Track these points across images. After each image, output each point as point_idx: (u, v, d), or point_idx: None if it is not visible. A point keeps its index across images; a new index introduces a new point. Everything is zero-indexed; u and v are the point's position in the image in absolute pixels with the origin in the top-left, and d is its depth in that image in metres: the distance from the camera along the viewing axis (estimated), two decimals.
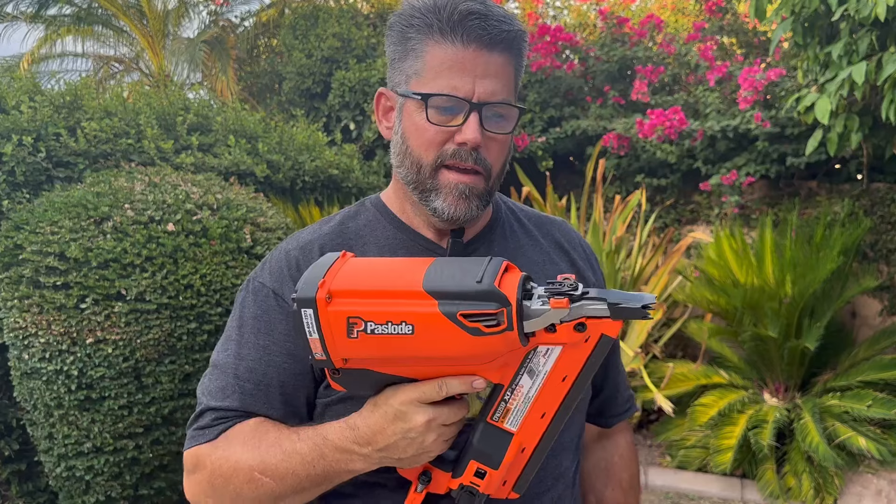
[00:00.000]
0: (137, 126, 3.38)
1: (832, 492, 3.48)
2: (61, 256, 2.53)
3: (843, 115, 3.38)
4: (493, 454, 0.84)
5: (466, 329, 0.75)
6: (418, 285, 0.77)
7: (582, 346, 0.78)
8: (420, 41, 0.94)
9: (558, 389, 0.80)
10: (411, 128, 0.95)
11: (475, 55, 0.92)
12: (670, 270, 4.19)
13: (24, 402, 2.67)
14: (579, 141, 5.07)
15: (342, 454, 0.86)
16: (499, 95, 0.93)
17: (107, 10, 8.69)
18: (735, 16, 5.27)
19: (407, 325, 0.76)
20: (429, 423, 0.82)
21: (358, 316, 0.78)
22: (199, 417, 0.98)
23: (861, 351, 4.02)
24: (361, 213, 1.07)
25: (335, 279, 0.80)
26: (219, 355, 1.00)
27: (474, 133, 0.92)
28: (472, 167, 0.94)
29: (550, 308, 0.75)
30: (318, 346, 0.81)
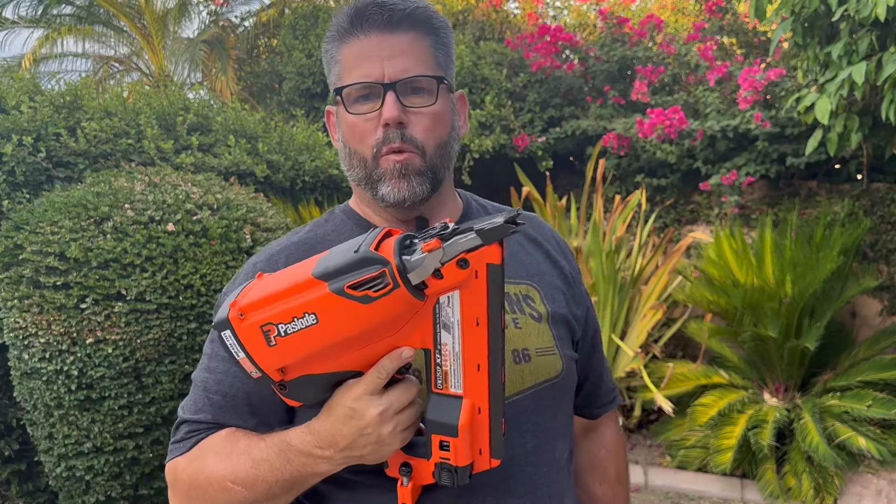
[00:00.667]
0: (137, 126, 3.38)
1: (832, 492, 3.48)
2: (61, 256, 2.53)
3: (843, 115, 3.38)
4: (448, 421, 0.83)
5: (358, 299, 0.76)
6: (308, 274, 0.78)
7: (474, 282, 0.78)
8: (335, 49, 0.98)
9: (478, 336, 0.81)
10: (346, 129, 0.99)
11: (378, 40, 0.95)
12: (670, 270, 4.19)
13: (24, 402, 2.67)
14: (579, 141, 5.07)
15: (306, 458, 0.87)
16: (412, 71, 0.95)
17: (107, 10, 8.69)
18: (735, 16, 5.27)
19: (310, 315, 0.78)
20: (382, 415, 0.82)
21: (269, 322, 0.79)
22: (176, 431, 1.00)
23: (861, 351, 4.02)
24: (330, 220, 1.08)
25: (245, 296, 0.82)
26: (195, 372, 1.03)
27: (390, 111, 0.93)
28: (402, 146, 0.95)
29: (425, 253, 0.75)
30: (249, 364, 0.82)
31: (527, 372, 1.00)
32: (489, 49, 5.21)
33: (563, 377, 1.05)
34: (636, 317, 4.21)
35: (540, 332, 1.04)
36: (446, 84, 0.99)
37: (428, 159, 0.98)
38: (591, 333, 1.19)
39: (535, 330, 1.03)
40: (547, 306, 1.06)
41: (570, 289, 1.13)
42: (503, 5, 6.24)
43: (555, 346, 1.05)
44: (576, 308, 1.12)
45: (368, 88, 0.95)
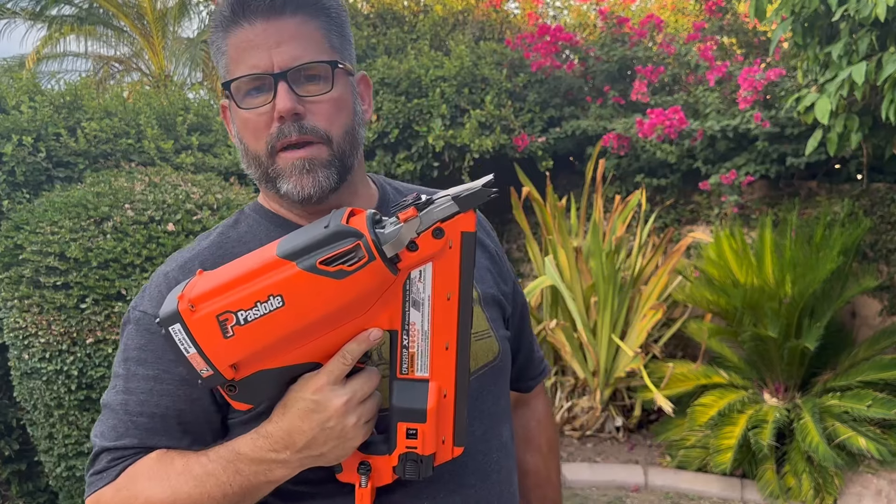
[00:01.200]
0: (137, 126, 3.38)
1: (832, 492, 3.48)
2: (61, 256, 2.53)
3: (843, 115, 3.38)
4: (415, 406, 0.79)
5: (331, 275, 0.72)
6: (272, 255, 0.75)
7: (448, 253, 0.75)
8: (221, 40, 0.92)
9: (449, 311, 0.78)
10: (239, 125, 0.93)
11: (263, 28, 0.89)
12: (670, 270, 4.19)
13: (24, 402, 2.67)
14: (579, 141, 5.07)
15: (259, 465, 0.82)
16: (303, 58, 0.89)
17: (107, 10, 8.69)
18: (735, 16, 5.27)
19: (275, 298, 0.73)
20: (346, 405, 0.77)
21: (226, 310, 0.74)
22: (95, 461, 0.92)
23: (861, 351, 4.02)
24: (241, 220, 1.02)
25: (193, 289, 0.77)
26: (108, 396, 0.94)
27: (283, 102, 0.87)
28: (301, 138, 0.89)
29: (401, 223, 0.73)
30: (199, 361, 0.77)
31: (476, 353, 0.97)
32: (489, 49, 5.20)
33: (501, 359, 1.03)
34: (636, 317, 4.21)
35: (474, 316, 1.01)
36: (342, 67, 0.93)
37: (335, 148, 0.92)
38: (520, 308, 1.17)
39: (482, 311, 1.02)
40: (477, 288, 1.03)
41: (496, 266, 1.11)
42: (503, 5, 6.24)
43: (489, 328, 1.03)
44: (504, 285, 1.10)
45: (258, 80, 0.89)
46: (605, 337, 4.14)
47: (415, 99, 4.82)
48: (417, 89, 4.87)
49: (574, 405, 4.34)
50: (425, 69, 4.87)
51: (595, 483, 3.85)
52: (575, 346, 4.13)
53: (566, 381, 4.35)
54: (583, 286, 4.17)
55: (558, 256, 4.26)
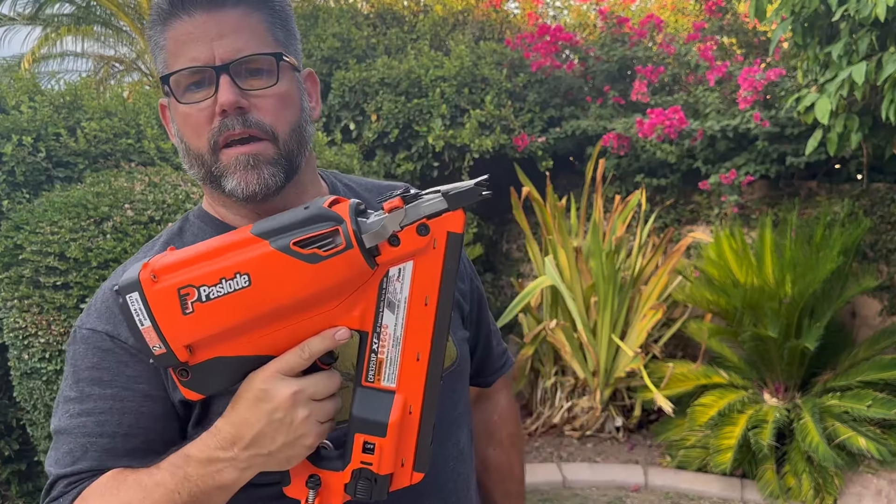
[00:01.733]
0: (137, 126, 3.38)
1: (832, 492, 3.48)
2: (61, 256, 2.53)
3: (843, 115, 3.38)
4: (376, 418, 0.73)
5: (304, 257, 0.68)
6: (247, 233, 0.71)
7: (432, 253, 0.70)
8: (159, 34, 0.88)
9: (425, 318, 0.71)
10: (180, 121, 0.88)
11: (204, 20, 0.85)
12: (670, 270, 4.19)
13: (24, 402, 2.67)
14: (579, 141, 5.07)
15: (206, 467, 0.76)
16: (246, 50, 0.85)
17: (106, 10, 8.69)
18: (735, 16, 5.27)
19: (242, 276, 0.68)
20: (295, 396, 0.72)
21: (189, 284, 0.70)
22: (51, 489, 0.86)
23: (861, 351, 4.02)
24: (186, 228, 0.98)
25: (160, 259, 0.73)
26: (60, 421, 0.88)
27: (226, 94, 0.83)
28: (245, 132, 0.85)
29: (385, 214, 0.68)
30: (153, 336, 0.72)
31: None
32: (489, 49, 5.20)
33: (459, 364, 1.00)
34: (636, 317, 4.21)
35: None
36: (287, 62, 0.89)
37: (282, 145, 0.88)
38: (476, 303, 1.12)
39: None
40: None
41: None
42: (503, 5, 6.24)
43: None
44: (461, 283, 1.07)
45: (198, 74, 0.85)
46: (605, 337, 4.14)
47: (415, 99, 4.82)
48: (417, 89, 4.87)
49: (574, 405, 4.34)
50: (425, 69, 4.87)
51: (595, 483, 3.85)
52: (575, 346, 4.13)
53: (566, 381, 4.35)
54: (583, 286, 4.17)
55: (558, 256, 4.26)
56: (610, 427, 4.34)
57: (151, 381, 0.86)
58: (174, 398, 0.86)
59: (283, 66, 0.88)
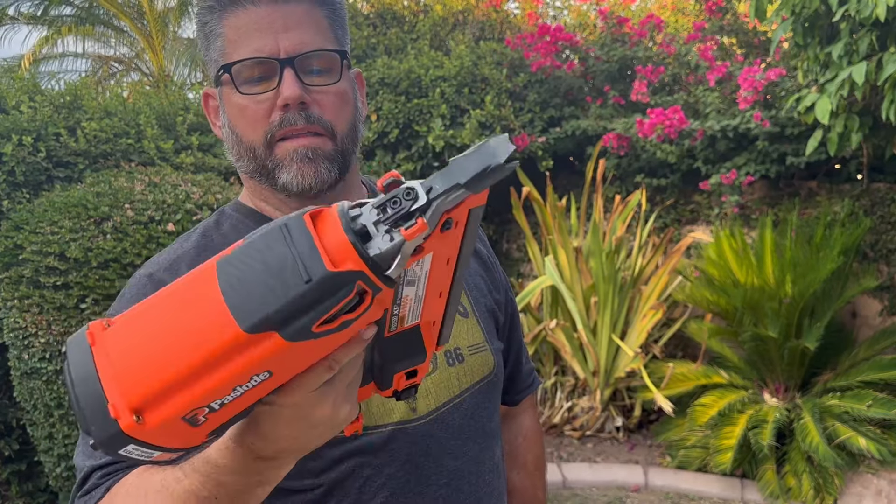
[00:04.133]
0: (137, 126, 3.38)
1: (832, 492, 3.48)
2: (61, 256, 2.53)
3: (843, 115, 3.38)
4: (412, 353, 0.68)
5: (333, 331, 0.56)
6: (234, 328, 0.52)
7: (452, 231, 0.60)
8: (216, 22, 0.85)
9: (445, 272, 0.64)
10: (233, 112, 0.86)
11: (269, 11, 0.83)
12: (670, 270, 4.19)
13: (24, 402, 2.67)
14: (579, 141, 5.07)
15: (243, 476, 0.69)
16: (311, 45, 0.84)
17: (107, 11, 8.69)
18: (735, 16, 5.27)
19: (260, 375, 0.55)
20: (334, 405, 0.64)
21: (195, 407, 0.55)
22: (84, 482, 0.82)
23: (861, 351, 4.02)
24: (223, 221, 0.95)
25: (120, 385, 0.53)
26: None
27: (291, 88, 0.82)
28: (307, 128, 0.84)
29: (406, 240, 0.54)
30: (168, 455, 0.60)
31: (462, 373, 0.93)
32: (489, 49, 5.21)
33: (495, 374, 0.98)
34: (636, 317, 4.21)
35: (469, 328, 0.97)
36: (347, 61, 0.88)
37: (339, 142, 0.87)
38: (510, 316, 1.10)
39: (465, 326, 0.96)
40: (471, 299, 0.99)
41: (489, 273, 1.06)
42: (503, 5, 6.24)
43: (484, 340, 0.98)
44: (497, 293, 1.06)
45: (261, 65, 0.83)
46: (605, 337, 4.14)
47: (415, 99, 4.82)
48: (417, 89, 4.87)
49: (574, 405, 4.34)
50: (425, 69, 4.87)
51: (595, 483, 3.85)
52: (575, 346, 4.13)
53: (566, 381, 4.35)
54: (583, 286, 4.17)
55: (558, 256, 4.26)
56: (610, 427, 4.34)
57: None
58: None
59: (344, 65, 0.87)
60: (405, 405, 0.85)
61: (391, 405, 0.83)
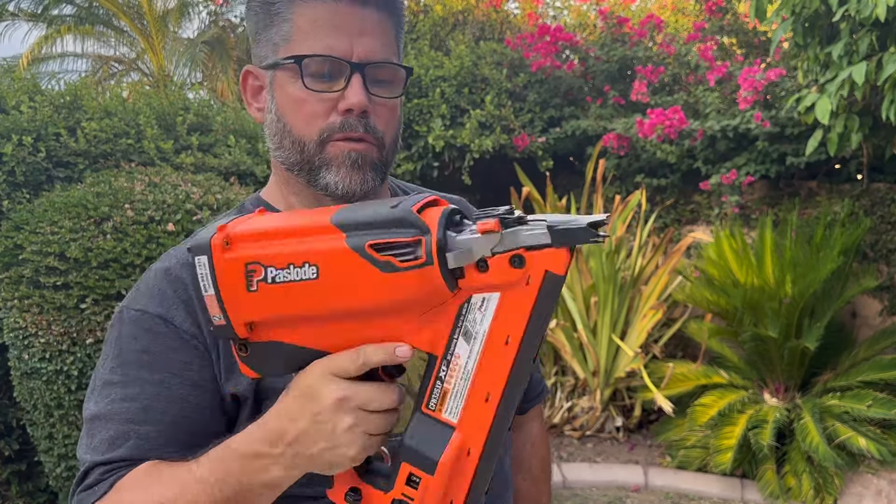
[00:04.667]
0: (137, 126, 3.37)
1: (832, 492, 3.48)
2: (61, 256, 2.53)
3: (844, 115, 3.38)
4: (428, 453, 0.65)
5: (377, 263, 0.61)
6: (326, 219, 0.64)
7: (523, 289, 0.60)
8: (285, 5, 0.83)
9: (502, 357, 0.62)
10: (287, 102, 0.84)
11: (348, 11, 0.82)
12: (670, 270, 4.19)
13: (24, 403, 2.67)
14: (579, 141, 5.07)
15: (252, 461, 0.70)
16: (381, 55, 0.84)
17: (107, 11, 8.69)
18: (735, 16, 5.27)
19: (310, 267, 0.63)
20: (340, 402, 0.65)
21: (257, 261, 0.65)
22: (86, 477, 0.81)
23: (861, 351, 4.02)
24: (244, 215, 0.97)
25: (238, 225, 0.68)
26: (98, 405, 0.82)
27: (359, 95, 0.81)
28: (363, 136, 0.84)
29: (478, 234, 0.59)
30: (215, 305, 0.68)
31: None
32: (489, 49, 5.21)
33: None
34: (636, 317, 4.21)
35: None
36: (409, 77, 0.89)
37: (385, 153, 0.87)
38: None
39: None
40: None
41: None
42: (503, 5, 6.24)
43: None
44: None
45: (333, 64, 0.82)
46: (605, 337, 4.14)
47: (415, 99, 4.82)
48: (417, 89, 4.87)
49: (574, 405, 4.34)
50: (425, 69, 4.87)
51: (595, 483, 3.85)
52: (575, 346, 4.13)
53: (566, 381, 4.35)
54: (583, 286, 4.17)
55: None
56: (610, 427, 4.34)
57: (202, 369, 0.82)
58: (224, 391, 0.83)
59: (406, 81, 0.88)
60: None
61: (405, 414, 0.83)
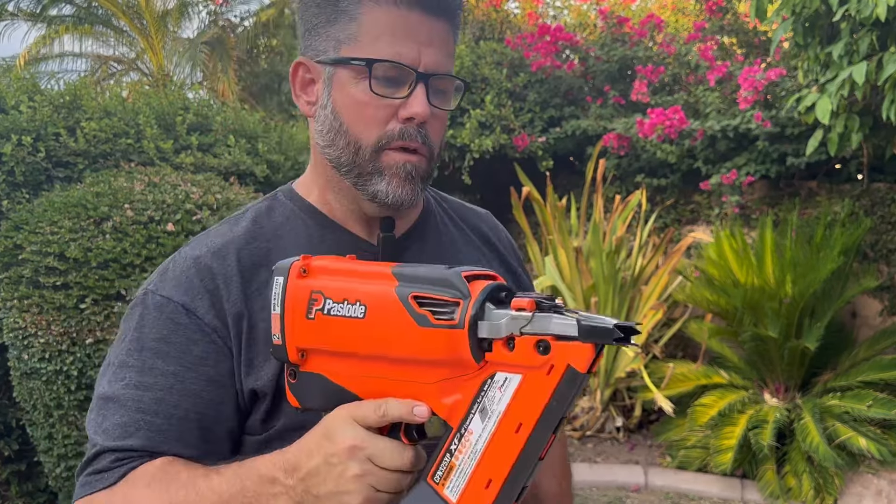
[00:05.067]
0: (137, 126, 3.37)
1: (832, 492, 3.48)
2: (61, 256, 2.53)
3: (844, 115, 3.38)
4: None
5: (414, 315, 0.65)
6: (388, 268, 0.70)
7: (544, 378, 0.62)
8: (353, 2, 0.82)
9: (510, 445, 0.63)
10: (347, 102, 0.83)
11: (419, 20, 0.81)
12: (670, 270, 4.19)
13: (23, 403, 2.67)
14: (579, 141, 5.06)
15: (265, 486, 0.72)
16: (444, 67, 0.84)
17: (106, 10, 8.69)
18: (735, 16, 5.27)
19: (360, 306, 0.68)
20: (353, 449, 0.67)
21: (320, 291, 0.71)
22: (95, 460, 0.81)
23: (861, 351, 4.02)
24: (276, 207, 0.93)
25: (320, 259, 0.75)
26: (112, 386, 0.83)
27: (423, 106, 0.82)
28: (418, 147, 0.84)
29: (511, 310, 0.62)
30: (277, 324, 0.74)
31: None
32: (489, 49, 5.20)
33: None
34: (636, 317, 4.21)
35: None
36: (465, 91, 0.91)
37: (432, 164, 0.88)
38: None
39: None
40: None
41: (521, 287, 1.06)
42: (503, 5, 6.24)
43: None
44: None
45: (400, 72, 0.81)
46: None
47: None
48: None
49: (574, 405, 4.34)
50: None
51: (595, 483, 3.85)
52: None
53: None
54: (583, 286, 4.17)
55: (558, 256, 4.26)
56: (610, 427, 4.34)
57: (218, 364, 0.83)
58: (245, 386, 0.83)
59: (461, 95, 0.89)
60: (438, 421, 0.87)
61: None
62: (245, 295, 0.84)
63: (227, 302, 0.83)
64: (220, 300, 0.83)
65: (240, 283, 0.84)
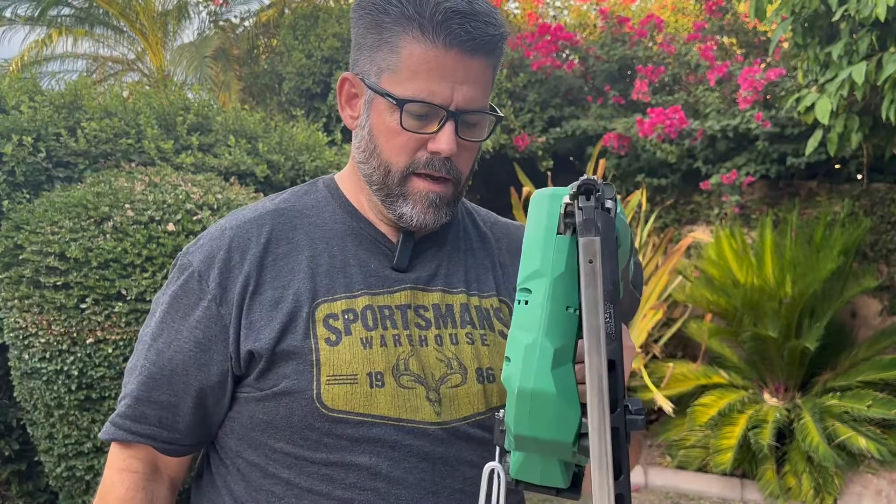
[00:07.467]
0: (137, 126, 3.37)
1: (832, 492, 3.48)
2: (61, 256, 2.53)
3: (844, 115, 3.38)
4: None
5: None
6: None
7: None
8: (396, 34, 0.86)
9: None
10: (381, 128, 0.90)
11: (456, 60, 0.86)
12: (670, 270, 4.19)
13: (24, 402, 2.67)
14: (579, 141, 5.07)
15: None
16: (476, 103, 0.89)
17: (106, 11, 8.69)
18: (735, 16, 5.27)
19: None
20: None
21: None
22: (121, 401, 0.95)
23: (861, 351, 4.02)
24: (311, 192, 1.00)
25: None
26: (143, 329, 0.96)
27: (450, 144, 0.87)
28: (444, 176, 0.90)
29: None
30: None
31: (490, 392, 0.93)
32: None
33: None
34: (636, 317, 4.21)
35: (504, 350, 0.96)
36: (498, 124, 0.95)
37: (460, 189, 0.93)
38: None
39: (499, 349, 0.97)
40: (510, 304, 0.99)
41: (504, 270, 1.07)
42: (503, 5, 6.24)
43: None
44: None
45: (429, 108, 0.86)
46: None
47: None
48: None
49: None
50: None
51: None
52: None
53: None
54: None
55: None
56: None
57: (207, 329, 0.90)
58: (242, 347, 0.89)
59: (493, 127, 0.94)
60: (431, 408, 0.88)
61: (417, 403, 0.87)
62: (260, 264, 0.91)
63: (237, 268, 0.90)
64: (231, 269, 0.91)
65: (257, 252, 0.92)
